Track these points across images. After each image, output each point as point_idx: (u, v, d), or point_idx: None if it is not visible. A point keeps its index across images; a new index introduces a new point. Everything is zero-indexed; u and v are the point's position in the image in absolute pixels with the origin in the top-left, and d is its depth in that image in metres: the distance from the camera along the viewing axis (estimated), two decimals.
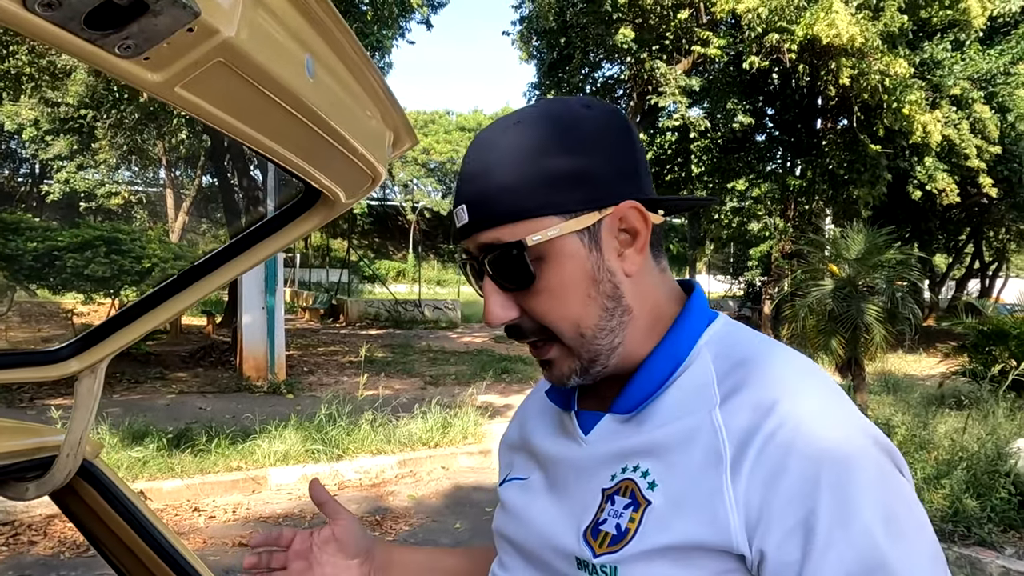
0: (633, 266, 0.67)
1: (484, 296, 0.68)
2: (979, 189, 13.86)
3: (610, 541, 0.63)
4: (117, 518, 1.12)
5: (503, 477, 0.83)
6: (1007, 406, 6.31)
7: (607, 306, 0.66)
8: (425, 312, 19.50)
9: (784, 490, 0.56)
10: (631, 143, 0.68)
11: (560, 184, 0.64)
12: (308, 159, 0.89)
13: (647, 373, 0.68)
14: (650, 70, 11.66)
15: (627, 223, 0.66)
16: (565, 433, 0.74)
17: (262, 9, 0.60)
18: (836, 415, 0.60)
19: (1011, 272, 25.87)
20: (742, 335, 0.69)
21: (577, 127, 0.65)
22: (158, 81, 0.59)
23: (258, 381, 8.81)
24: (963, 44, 12.98)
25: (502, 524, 0.78)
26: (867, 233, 7.20)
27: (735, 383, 0.63)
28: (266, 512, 4.76)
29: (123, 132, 13.72)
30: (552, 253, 0.64)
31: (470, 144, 0.71)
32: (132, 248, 8.59)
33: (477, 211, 0.66)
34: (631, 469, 0.65)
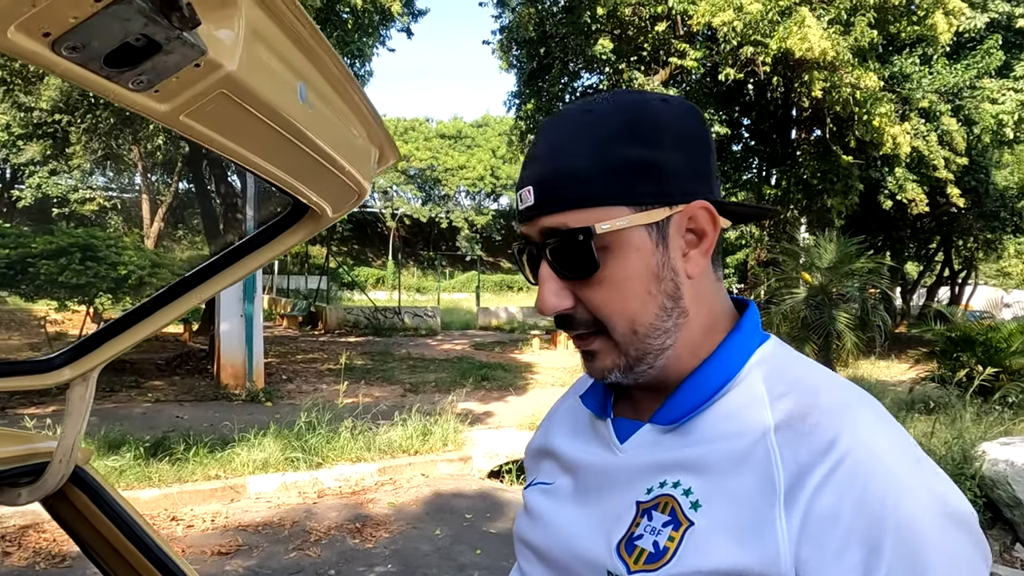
0: (697, 268, 0.65)
1: (539, 283, 0.65)
2: (948, 199, 14.23)
3: (647, 559, 0.60)
4: (108, 523, 1.15)
5: (529, 481, 0.80)
6: (974, 411, 6.48)
7: (666, 305, 0.64)
8: (405, 319, 19.45)
9: (845, 525, 0.54)
10: (706, 143, 0.66)
11: (633, 175, 0.62)
12: (299, 177, 0.94)
13: (696, 385, 0.65)
14: (628, 80, 11.83)
15: (696, 223, 0.64)
16: (598, 439, 0.72)
17: (260, 42, 0.65)
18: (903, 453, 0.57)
19: (979, 280, 26.48)
20: (794, 358, 0.67)
21: (653, 119, 0.63)
22: (166, 111, 0.65)
23: (236, 389, 8.74)
24: (931, 59, 13.35)
25: (524, 529, 0.75)
26: (839, 242, 7.37)
27: (790, 409, 0.60)
28: (245, 521, 4.74)
29: (98, 137, 13.53)
30: (618, 244, 0.62)
31: (541, 127, 0.68)
32: (107, 255, 8.50)
33: (544, 194, 0.63)
34: (671, 484, 0.62)
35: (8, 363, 1.10)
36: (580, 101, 0.67)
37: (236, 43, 0.61)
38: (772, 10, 9.89)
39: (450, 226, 43.64)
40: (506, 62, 13.73)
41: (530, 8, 12.18)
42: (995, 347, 8.24)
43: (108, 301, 9.26)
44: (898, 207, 14.41)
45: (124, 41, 0.53)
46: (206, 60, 0.58)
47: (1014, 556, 4.57)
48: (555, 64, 12.83)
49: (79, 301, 8.99)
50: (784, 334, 7.14)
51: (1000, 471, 4.76)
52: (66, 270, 7.96)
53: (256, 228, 7.56)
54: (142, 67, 0.56)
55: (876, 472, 0.55)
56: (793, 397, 0.61)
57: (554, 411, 0.84)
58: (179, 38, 0.53)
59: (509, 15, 13.09)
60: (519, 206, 0.66)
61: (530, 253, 0.67)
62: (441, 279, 34.44)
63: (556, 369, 12.59)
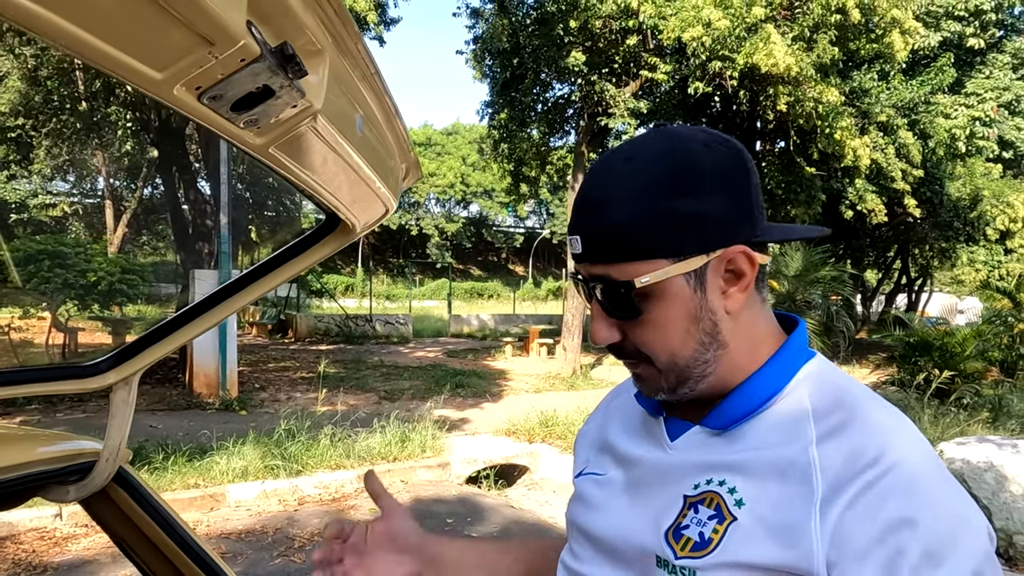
0: (735, 304, 0.69)
1: (592, 317, 0.72)
2: (905, 209, 14.78)
3: (692, 547, 0.65)
4: (149, 521, 1.21)
5: (579, 470, 0.85)
6: (931, 412, 6.77)
7: (703, 340, 0.69)
8: (376, 327, 19.37)
9: (875, 532, 0.58)
10: (747, 184, 0.68)
11: (673, 228, 0.65)
12: (339, 194, 1.04)
13: (745, 394, 0.70)
14: (600, 92, 12.05)
15: (734, 264, 0.68)
16: (650, 437, 0.77)
17: (336, 82, 0.75)
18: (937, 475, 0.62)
19: (935, 287, 27.42)
20: (838, 376, 0.72)
21: (696, 169, 0.66)
22: (261, 143, 0.75)
23: (209, 398, 8.65)
24: (888, 75, 13.89)
25: (578, 514, 0.80)
26: (805, 251, 7.63)
27: (833, 424, 0.65)
28: (227, 529, 4.74)
29: (63, 142, 13.26)
30: (658, 292, 0.67)
31: (588, 172, 0.72)
32: (76, 262, 8.35)
33: (590, 245, 0.68)
34: (717, 483, 0.67)
35: (56, 367, 1.17)
36: (624, 145, 0.71)
37: (321, 85, 0.71)
38: (739, 27, 10.20)
39: (420, 233, 43.54)
40: (479, 72, 13.86)
41: (503, 19, 12.34)
42: (951, 352, 8.60)
43: (74, 308, 9.08)
44: (858, 217, 14.92)
45: (249, 91, 0.63)
46: (302, 101, 0.68)
47: None
48: (528, 75, 13.00)
49: (45, 308, 8.79)
50: None
51: (957, 469, 5.01)
52: (34, 277, 7.80)
53: (230, 235, 7.45)
54: (256, 110, 0.66)
55: (913, 488, 0.59)
56: (837, 413, 0.66)
57: (607, 404, 0.90)
58: (290, 86, 0.64)
59: (482, 26, 13.23)
60: (571, 248, 0.71)
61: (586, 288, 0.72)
62: (412, 286, 34.33)
63: (529, 376, 12.70)
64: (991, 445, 5.11)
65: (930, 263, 21.41)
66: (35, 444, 1.20)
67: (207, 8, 0.47)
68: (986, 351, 9.08)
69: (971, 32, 17.24)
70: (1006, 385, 8.87)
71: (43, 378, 1.12)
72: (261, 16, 0.58)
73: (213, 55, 0.54)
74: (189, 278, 9.40)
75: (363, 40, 0.75)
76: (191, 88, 0.57)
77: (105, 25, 0.46)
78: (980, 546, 0.60)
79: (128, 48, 0.49)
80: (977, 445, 5.18)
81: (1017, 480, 4.74)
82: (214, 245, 11.07)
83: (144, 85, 0.54)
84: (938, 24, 16.97)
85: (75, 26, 0.45)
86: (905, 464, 0.61)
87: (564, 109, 14.62)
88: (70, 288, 8.23)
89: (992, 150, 17.63)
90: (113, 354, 1.21)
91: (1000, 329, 9.87)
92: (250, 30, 0.54)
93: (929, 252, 20.03)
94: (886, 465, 0.60)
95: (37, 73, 11.54)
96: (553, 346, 15.12)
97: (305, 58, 0.64)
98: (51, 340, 9.89)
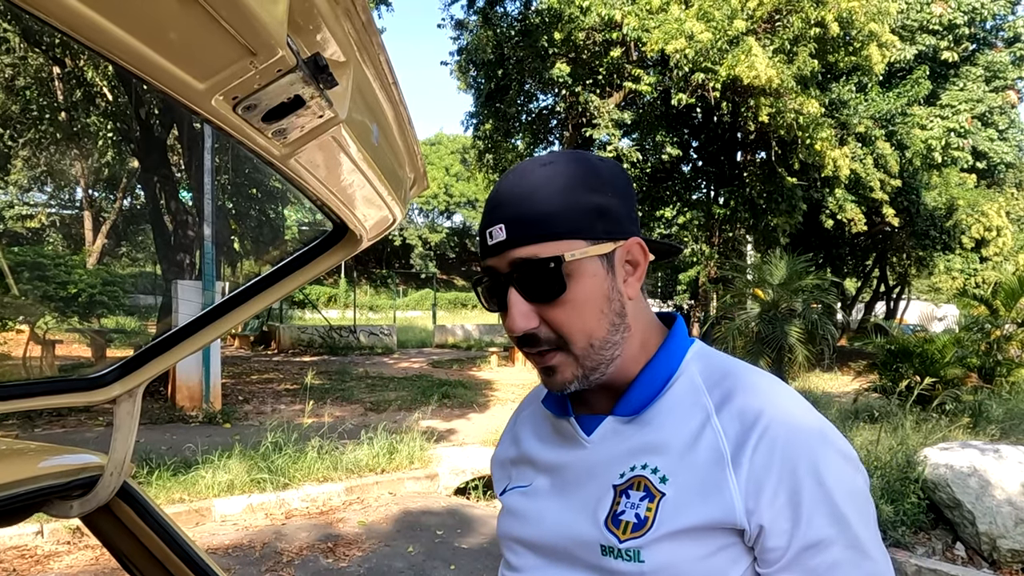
0: (633, 291, 0.78)
1: (508, 307, 0.76)
2: (883, 218, 15.03)
3: (632, 528, 0.73)
4: (152, 536, 1.19)
5: (502, 488, 0.90)
6: (913, 419, 6.85)
7: (614, 322, 0.76)
8: (360, 338, 19.25)
9: (774, 476, 0.70)
10: (632, 193, 0.81)
11: (589, 214, 0.74)
12: (349, 203, 1.04)
13: (647, 380, 0.79)
14: (584, 103, 12.15)
15: (632, 255, 0.78)
16: (564, 438, 0.83)
17: (359, 93, 0.76)
18: (807, 419, 0.74)
19: (913, 295, 27.86)
20: (717, 354, 0.83)
21: (598, 172, 0.77)
22: (285, 154, 0.75)
23: (192, 411, 8.52)
24: (866, 87, 14.17)
25: (513, 528, 0.84)
26: (788, 260, 7.72)
27: (724, 393, 0.75)
28: (213, 543, 4.66)
29: (41, 152, 13.07)
30: (579, 271, 0.74)
31: (505, 176, 0.80)
32: (56, 274, 8.21)
33: (516, 229, 0.74)
34: (640, 467, 0.75)
35: (61, 380, 1.15)
36: (535, 158, 0.81)
37: (346, 95, 0.71)
38: (721, 39, 10.36)
39: (404, 244, 43.42)
40: (464, 83, 13.92)
41: (488, 31, 12.42)
42: (931, 358, 8.71)
43: (53, 321, 8.93)
44: (838, 226, 15.14)
45: (281, 101, 0.63)
46: (327, 111, 0.68)
47: (955, 554, 4.88)
48: (512, 86, 13.08)
49: (24, 320, 8.64)
50: (739, 348, 7.42)
51: (941, 475, 5.07)
52: (11, 290, 7.66)
53: (214, 246, 7.37)
54: (284, 120, 0.67)
55: (791, 433, 0.71)
56: (725, 383, 0.76)
57: (514, 422, 0.96)
58: (320, 96, 0.64)
59: (467, 37, 13.30)
60: (488, 242, 0.76)
61: (492, 284, 0.78)
62: (395, 297, 34.18)
63: (515, 385, 12.68)
64: (974, 450, 5.19)
65: (908, 271, 21.77)
66: (37, 458, 1.18)
67: (256, 19, 0.48)
68: (965, 357, 9.21)
69: (945, 46, 17.65)
70: (985, 391, 9.01)
71: (48, 391, 1.10)
72: (295, 27, 0.58)
73: (254, 65, 0.54)
74: (171, 289, 9.29)
75: (386, 51, 0.76)
76: (228, 98, 0.57)
77: (155, 34, 0.46)
78: (849, 458, 0.73)
79: (174, 57, 0.49)
80: (960, 450, 5.25)
81: (1000, 485, 4.81)
82: (196, 256, 10.96)
83: (185, 95, 0.54)
84: (914, 38, 17.35)
85: (126, 33, 0.45)
86: (783, 415, 0.72)
87: (548, 120, 14.72)
88: (49, 300, 8.08)
89: (967, 160, 18.02)
90: (117, 366, 1.19)
91: (978, 336, 10.03)
92: (288, 41, 0.55)
93: (907, 260, 20.37)
94: (768, 419, 0.72)
95: (14, 82, 11.38)
96: None
97: (332, 68, 0.64)
98: (29, 353, 9.70)
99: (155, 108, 11.04)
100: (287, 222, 22.16)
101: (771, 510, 0.69)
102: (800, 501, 0.69)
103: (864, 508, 0.73)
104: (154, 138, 11.99)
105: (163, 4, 0.43)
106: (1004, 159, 19.67)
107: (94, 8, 0.41)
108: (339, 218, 1.10)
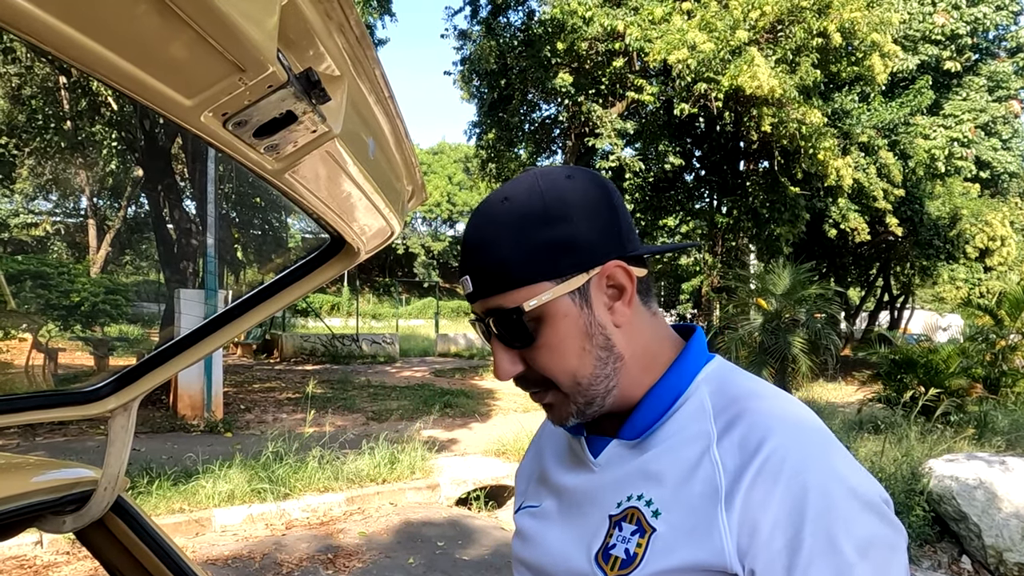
0: (622, 318, 0.73)
1: (493, 353, 0.75)
2: (886, 228, 15.01)
3: (620, 565, 0.69)
4: (146, 551, 1.18)
5: (518, 505, 0.89)
6: (918, 430, 6.80)
7: (600, 356, 0.73)
8: (363, 346, 19.23)
9: (771, 516, 0.63)
10: (611, 205, 0.74)
11: (549, 253, 0.70)
12: (346, 217, 1.03)
13: (652, 402, 0.74)
14: (587, 112, 12.18)
15: (613, 280, 0.72)
16: (576, 460, 0.81)
17: (353, 107, 0.75)
18: (817, 452, 0.65)
19: (916, 304, 27.76)
20: (735, 374, 0.76)
21: (561, 199, 0.71)
22: (278, 168, 0.74)
23: (194, 420, 8.51)
24: (869, 96, 14.18)
25: (519, 548, 0.84)
26: (792, 269, 7.68)
27: (729, 419, 0.69)
28: (213, 554, 4.64)
29: (46, 161, 13.13)
30: (548, 314, 0.71)
31: (469, 218, 0.78)
32: (59, 282, 8.23)
33: (479, 282, 0.73)
34: (635, 497, 0.71)
35: (56, 394, 1.14)
36: (502, 187, 0.77)
37: (340, 110, 0.70)
38: (724, 49, 10.38)
39: (406, 252, 43.47)
40: (467, 92, 13.97)
41: (491, 41, 12.47)
42: (935, 369, 8.66)
43: (56, 329, 8.94)
44: (841, 235, 15.12)
45: (273, 116, 0.62)
46: (321, 126, 0.67)
47: (961, 567, 4.83)
48: (515, 95, 13.12)
49: (26, 329, 8.65)
50: (742, 359, 7.38)
51: (946, 487, 5.03)
52: (16, 298, 7.68)
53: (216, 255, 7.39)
54: (277, 136, 0.66)
55: (797, 467, 0.63)
56: (733, 408, 0.70)
57: (539, 435, 0.94)
58: (313, 111, 0.63)
59: (470, 47, 13.36)
60: (464, 289, 0.76)
61: (483, 326, 0.76)
62: (398, 306, 34.16)
63: (517, 395, 12.64)
64: (980, 462, 5.14)
65: (912, 281, 21.69)
66: (30, 473, 1.17)
67: (244, 36, 0.47)
68: (970, 368, 9.16)
69: (948, 55, 17.68)
70: (990, 402, 8.95)
71: (42, 405, 1.09)
72: (287, 42, 0.58)
73: (243, 82, 0.54)
74: (174, 298, 9.30)
75: (381, 65, 0.75)
76: (218, 114, 0.57)
77: (140, 52, 0.46)
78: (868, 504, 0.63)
79: (160, 75, 0.49)
80: (966, 462, 5.21)
81: (1007, 497, 4.77)
82: (199, 265, 10.97)
83: (173, 112, 0.54)
84: (916, 48, 17.38)
85: (110, 52, 0.44)
86: (788, 447, 0.65)
87: (551, 129, 14.76)
88: (52, 309, 8.10)
89: (970, 170, 18.00)
90: (112, 380, 1.18)
91: (983, 346, 9.97)
92: (278, 57, 0.54)
93: (911, 270, 20.30)
94: (770, 450, 0.65)
95: (21, 92, 11.45)
96: None
97: (326, 83, 0.64)
98: (31, 361, 9.71)
99: (159, 118, 11.10)
100: (290, 231, 22.21)
101: (766, 553, 0.62)
102: (799, 546, 0.61)
103: (882, 564, 0.62)
104: (158, 147, 12.04)
105: (146, 21, 0.43)
106: (1008, 169, 19.65)
107: (74, 25, 0.40)
108: (336, 231, 1.10)
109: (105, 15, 0.41)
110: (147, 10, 0.42)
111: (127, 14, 0.42)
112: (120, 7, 0.41)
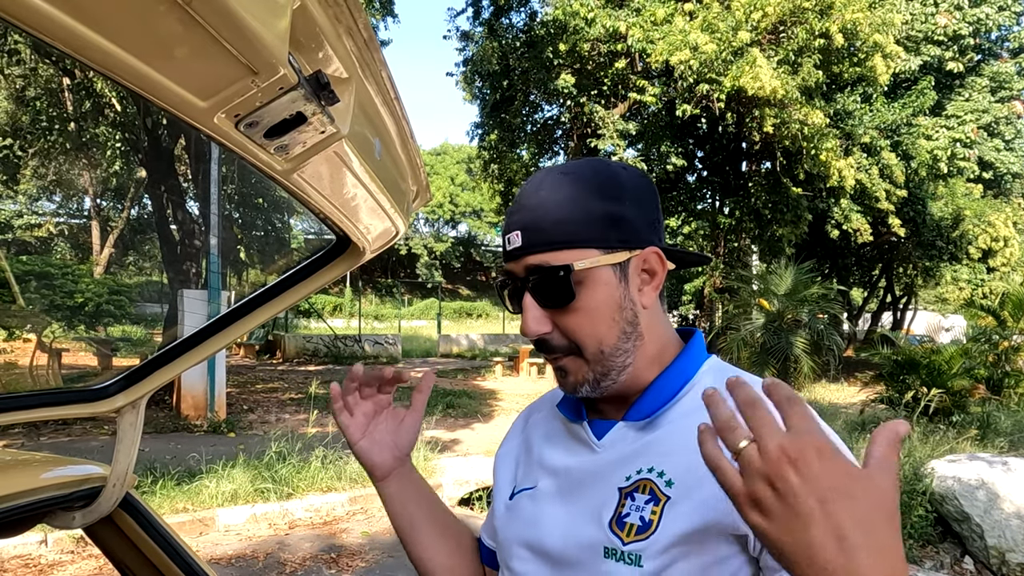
0: (649, 301, 0.79)
1: (523, 310, 0.78)
2: (889, 228, 14.99)
3: (636, 531, 0.73)
4: (154, 547, 1.19)
5: (512, 490, 0.89)
6: (920, 431, 6.80)
7: (626, 330, 0.77)
8: (365, 347, 19.26)
9: None
10: (654, 200, 0.81)
11: (603, 223, 0.76)
12: (352, 216, 1.04)
13: (659, 389, 0.79)
14: (589, 113, 12.18)
15: (649, 264, 0.78)
16: (577, 442, 0.83)
17: (360, 109, 0.76)
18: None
19: (919, 305, 27.71)
20: (733, 369, 0.84)
21: (617, 181, 0.78)
22: (287, 168, 0.76)
23: (197, 420, 8.53)
24: (871, 97, 14.17)
25: (519, 531, 0.84)
26: (794, 270, 7.68)
27: None
28: (217, 554, 4.65)
29: (50, 162, 13.18)
30: (590, 279, 0.75)
31: (527, 183, 0.82)
32: (64, 283, 8.26)
33: (531, 236, 0.76)
34: (647, 470, 0.75)
35: (64, 391, 1.16)
36: (556, 166, 0.82)
37: (348, 111, 0.72)
38: (726, 50, 10.39)
39: (409, 253, 43.50)
40: (470, 93, 13.99)
41: (493, 42, 12.49)
42: (938, 369, 8.65)
43: (60, 330, 8.97)
44: (844, 236, 15.10)
45: (283, 117, 0.64)
46: (329, 127, 0.69)
47: (963, 568, 4.83)
48: (517, 96, 13.13)
49: (31, 329, 8.67)
50: (744, 359, 7.39)
51: (948, 487, 5.03)
52: (20, 298, 7.71)
53: (219, 256, 7.40)
54: (286, 136, 0.67)
55: None
56: None
57: (523, 424, 0.97)
58: (322, 112, 0.65)
59: (472, 48, 13.38)
60: (507, 246, 0.78)
61: (513, 287, 0.80)
62: (400, 306, 34.18)
63: (519, 396, 12.66)
64: (982, 463, 5.14)
65: (914, 281, 21.66)
66: (39, 469, 1.18)
67: (258, 39, 0.48)
68: (972, 369, 9.15)
69: (950, 56, 17.66)
70: (993, 402, 8.94)
71: (52, 402, 1.10)
72: (297, 45, 0.59)
73: (255, 84, 0.55)
74: (177, 298, 9.33)
75: (388, 67, 0.76)
76: (231, 116, 0.58)
77: (158, 54, 0.47)
78: None
79: (177, 77, 0.50)
80: (968, 463, 5.21)
81: (1009, 498, 4.76)
82: (202, 265, 11.00)
83: (188, 113, 0.55)
84: (918, 48, 17.37)
85: (128, 54, 0.46)
86: None
87: (553, 130, 14.77)
88: (57, 309, 8.13)
89: (972, 171, 17.98)
90: (120, 377, 1.19)
91: (985, 347, 9.96)
92: (289, 60, 0.55)
93: (913, 271, 20.28)
94: None
95: (25, 93, 11.50)
96: (543, 366, 15.09)
97: (334, 85, 0.65)
98: (35, 362, 9.74)
99: (163, 119, 11.13)
100: (292, 231, 22.24)
101: None
102: None
103: None
104: (162, 148, 12.08)
105: (164, 25, 0.44)
106: (1011, 169, 19.62)
107: (95, 30, 0.42)
108: (342, 231, 1.11)
109: (127, 21, 0.43)
110: (165, 14, 0.44)
111: (147, 19, 0.43)
112: (140, 12, 0.43)
